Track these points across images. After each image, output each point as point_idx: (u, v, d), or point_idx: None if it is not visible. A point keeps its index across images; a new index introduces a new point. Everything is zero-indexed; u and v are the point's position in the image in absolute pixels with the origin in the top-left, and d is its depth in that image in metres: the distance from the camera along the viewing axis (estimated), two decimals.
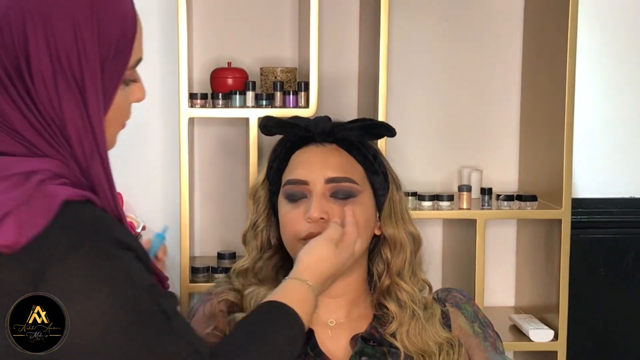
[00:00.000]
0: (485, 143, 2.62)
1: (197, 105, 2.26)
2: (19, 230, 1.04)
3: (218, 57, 2.49)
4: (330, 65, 2.53)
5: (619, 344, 2.81)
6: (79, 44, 1.11)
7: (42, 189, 1.07)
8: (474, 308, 1.62)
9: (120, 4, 1.17)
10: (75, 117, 1.11)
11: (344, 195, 1.51)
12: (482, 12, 2.59)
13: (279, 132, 1.60)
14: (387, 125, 1.59)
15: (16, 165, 1.09)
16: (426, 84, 2.59)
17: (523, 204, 2.36)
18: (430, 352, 1.53)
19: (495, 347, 1.59)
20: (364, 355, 1.52)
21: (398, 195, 1.59)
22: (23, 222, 1.04)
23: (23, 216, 1.04)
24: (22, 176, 1.08)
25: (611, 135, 2.79)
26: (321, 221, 1.48)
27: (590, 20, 2.67)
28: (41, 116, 1.11)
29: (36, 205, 1.05)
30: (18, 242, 1.04)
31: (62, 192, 1.08)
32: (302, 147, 1.57)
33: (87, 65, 1.12)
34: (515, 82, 2.61)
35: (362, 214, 1.51)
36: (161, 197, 2.51)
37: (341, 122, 1.58)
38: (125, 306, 1.08)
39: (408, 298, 1.56)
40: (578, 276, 2.58)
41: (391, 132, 1.59)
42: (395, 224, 1.57)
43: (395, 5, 2.47)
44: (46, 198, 1.06)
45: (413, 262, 1.59)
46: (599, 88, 2.76)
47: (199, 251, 2.53)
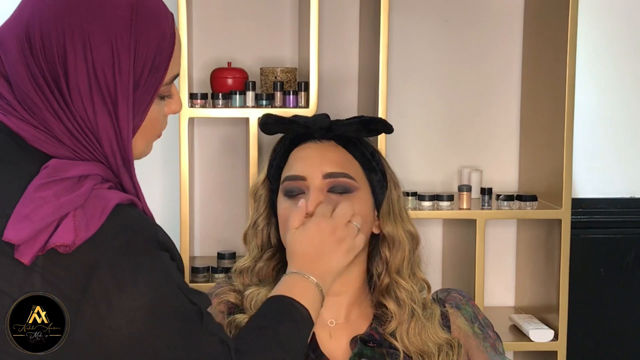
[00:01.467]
0: (485, 143, 2.62)
1: (197, 105, 2.27)
2: (76, 232, 1.10)
3: (218, 57, 2.49)
4: (330, 65, 2.53)
5: (619, 344, 2.81)
6: (115, 60, 1.16)
7: (95, 192, 1.14)
8: (473, 309, 1.62)
9: (159, 24, 1.21)
10: (108, 129, 1.17)
11: (341, 190, 1.51)
12: (482, 12, 2.59)
13: (278, 129, 1.61)
14: (384, 121, 1.59)
15: (70, 169, 1.15)
16: (426, 84, 2.59)
17: (523, 204, 2.36)
18: (430, 353, 1.53)
19: (495, 348, 1.59)
20: (363, 357, 1.52)
21: (396, 194, 1.59)
22: (80, 223, 1.11)
23: (80, 218, 1.11)
24: (75, 180, 1.14)
25: (611, 135, 2.79)
26: None
27: (590, 19, 2.67)
28: (78, 125, 1.16)
29: (91, 207, 1.12)
30: (75, 243, 1.10)
31: (113, 196, 1.15)
32: (301, 144, 1.58)
33: (121, 81, 1.17)
34: (515, 82, 2.61)
35: (360, 210, 1.52)
36: (161, 197, 2.51)
37: (338, 119, 1.58)
38: (164, 303, 1.14)
39: (407, 296, 1.56)
40: (578, 276, 2.58)
41: (388, 128, 1.59)
42: (393, 222, 1.57)
43: (395, 5, 2.47)
44: (100, 201, 1.13)
45: (412, 260, 1.59)
46: (599, 88, 2.76)
47: (199, 251, 2.53)
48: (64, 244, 1.09)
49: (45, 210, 1.10)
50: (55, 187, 1.12)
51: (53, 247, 1.09)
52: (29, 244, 1.09)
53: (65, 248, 1.09)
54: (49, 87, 1.15)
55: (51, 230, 1.09)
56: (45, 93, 1.16)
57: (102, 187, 1.15)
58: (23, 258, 1.08)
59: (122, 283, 1.11)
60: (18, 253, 1.08)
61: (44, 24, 1.16)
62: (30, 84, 1.16)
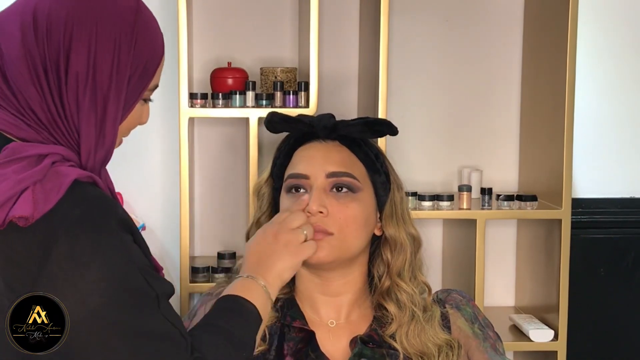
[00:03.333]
0: (485, 143, 2.62)
1: (197, 105, 2.27)
2: (34, 205, 1.13)
3: (218, 57, 2.49)
4: (330, 65, 2.53)
5: (619, 344, 2.82)
6: (116, 56, 1.22)
7: (55, 169, 1.17)
8: (473, 309, 1.62)
9: (156, 30, 1.29)
10: (92, 119, 1.21)
11: (344, 190, 1.51)
12: (482, 12, 2.59)
13: (284, 128, 1.61)
14: (389, 123, 1.60)
15: (29, 149, 1.18)
16: (426, 83, 2.59)
17: (523, 204, 2.36)
18: (430, 354, 1.53)
19: (495, 348, 1.59)
20: (363, 357, 1.52)
21: (399, 196, 1.60)
22: (38, 197, 1.13)
23: (38, 192, 1.14)
24: (34, 158, 1.17)
25: (611, 135, 2.79)
26: (320, 215, 1.48)
27: (591, 20, 2.67)
28: (63, 111, 1.20)
29: (50, 182, 1.15)
30: (33, 216, 1.12)
31: (72, 172, 1.17)
32: (305, 143, 1.58)
33: (117, 77, 1.22)
34: (515, 82, 2.61)
35: (362, 211, 1.52)
36: (161, 197, 2.52)
37: (343, 119, 1.58)
38: (120, 280, 1.15)
39: (408, 299, 1.56)
40: (578, 276, 2.58)
41: (393, 130, 1.59)
42: (396, 224, 1.57)
43: (395, 6, 2.47)
44: (59, 177, 1.16)
45: (413, 263, 1.59)
46: (599, 88, 2.76)
47: (199, 251, 2.53)
48: (23, 216, 1.11)
49: (4, 186, 1.13)
50: (14, 166, 1.16)
51: (12, 219, 1.11)
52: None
53: (24, 221, 1.12)
54: (44, 69, 1.19)
55: (10, 205, 1.12)
56: (38, 74, 1.19)
57: (62, 164, 1.18)
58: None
59: (80, 257, 1.12)
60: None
61: (54, 11, 1.20)
62: (25, 64, 1.19)
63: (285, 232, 1.42)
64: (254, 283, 1.35)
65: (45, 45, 1.19)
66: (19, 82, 1.20)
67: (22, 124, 1.20)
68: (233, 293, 1.32)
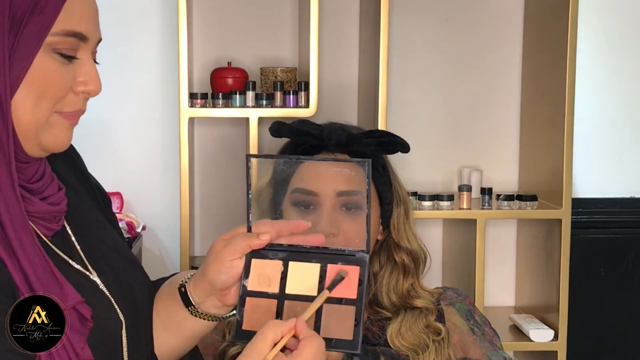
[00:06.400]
0: (485, 143, 2.62)
1: (197, 105, 2.26)
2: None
3: (218, 57, 2.49)
4: (331, 65, 2.53)
5: (619, 344, 2.81)
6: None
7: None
8: (468, 306, 1.62)
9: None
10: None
11: (353, 208, 1.50)
12: (482, 12, 2.59)
13: (291, 138, 1.59)
14: (403, 142, 1.59)
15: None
16: (426, 83, 2.59)
17: (523, 204, 2.36)
18: (424, 346, 1.53)
19: (492, 343, 1.59)
20: (355, 356, 1.52)
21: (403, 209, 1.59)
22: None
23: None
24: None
25: (611, 135, 2.79)
26: (331, 236, 1.47)
27: (591, 19, 2.67)
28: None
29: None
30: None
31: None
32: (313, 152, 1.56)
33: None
34: (515, 82, 2.61)
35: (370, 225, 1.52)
36: (161, 197, 2.51)
37: (355, 134, 1.56)
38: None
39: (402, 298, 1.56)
40: (578, 276, 2.58)
41: (406, 148, 1.59)
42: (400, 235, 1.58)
43: (395, 6, 2.47)
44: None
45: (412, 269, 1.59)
46: (599, 88, 2.76)
47: (199, 251, 2.53)
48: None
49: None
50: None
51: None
52: None
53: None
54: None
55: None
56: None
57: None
58: None
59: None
60: None
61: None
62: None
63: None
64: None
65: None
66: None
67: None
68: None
